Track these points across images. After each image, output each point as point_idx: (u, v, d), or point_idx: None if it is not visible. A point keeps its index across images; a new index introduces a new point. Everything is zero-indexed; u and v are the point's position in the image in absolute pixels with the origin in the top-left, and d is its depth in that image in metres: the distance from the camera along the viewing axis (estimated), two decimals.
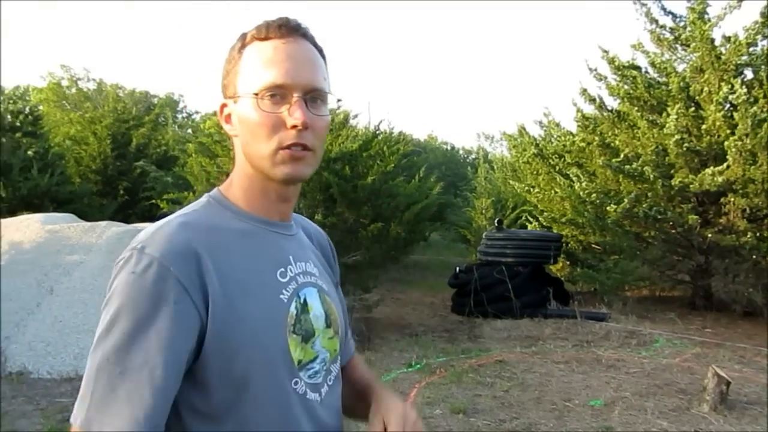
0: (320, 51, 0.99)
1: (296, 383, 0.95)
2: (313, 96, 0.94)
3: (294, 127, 0.92)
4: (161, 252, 0.86)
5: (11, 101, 11.54)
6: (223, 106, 1.01)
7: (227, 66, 0.99)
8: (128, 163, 13.12)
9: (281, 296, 0.96)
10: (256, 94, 0.93)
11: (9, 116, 11.11)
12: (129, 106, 16.23)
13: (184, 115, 31.31)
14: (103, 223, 6.86)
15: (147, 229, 0.93)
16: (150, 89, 32.83)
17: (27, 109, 11.67)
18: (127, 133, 13.65)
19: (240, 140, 0.98)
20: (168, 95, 30.37)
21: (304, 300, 0.99)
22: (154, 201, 9.78)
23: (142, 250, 0.87)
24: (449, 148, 34.45)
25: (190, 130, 22.49)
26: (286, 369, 0.94)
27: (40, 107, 15.08)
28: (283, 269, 0.99)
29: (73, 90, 25.61)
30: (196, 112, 31.34)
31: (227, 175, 1.05)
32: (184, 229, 0.91)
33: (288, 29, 0.95)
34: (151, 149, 14.11)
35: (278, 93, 0.92)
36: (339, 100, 8.69)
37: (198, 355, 0.88)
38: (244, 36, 0.97)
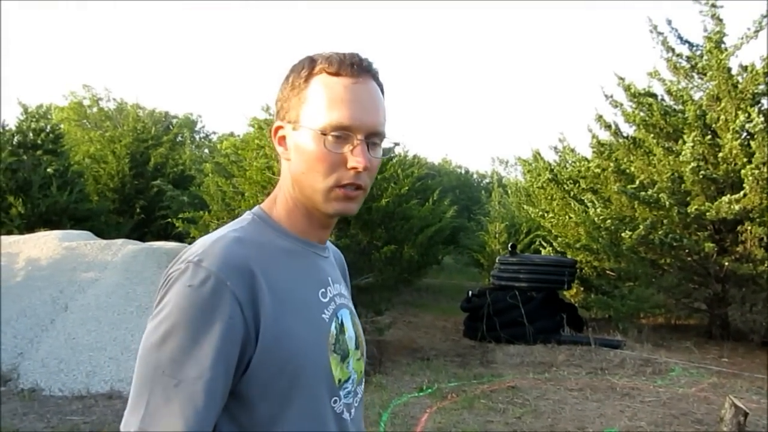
0: (381, 88, 1.01)
1: (335, 402, 0.98)
2: (374, 140, 0.97)
3: (354, 168, 0.94)
4: (218, 266, 0.87)
5: (33, 119, 11.71)
6: (279, 128, 1.01)
7: (288, 90, 0.99)
8: (145, 182, 13.25)
9: (323, 315, 0.99)
10: (323, 132, 0.94)
11: (31, 134, 11.30)
12: (148, 126, 16.46)
13: (202, 135, 31.74)
14: (119, 241, 6.94)
15: (201, 241, 0.94)
16: (170, 110, 33.40)
17: (48, 128, 11.84)
18: (145, 152, 13.81)
19: (292, 166, 0.99)
20: (186, 115, 30.85)
21: (342, 321, 1.03)
22: (169, 220, 9.86)
23: (199, 263, 0.88)
24: (463, 171, 34.46)
25: (207, 150, 22.78)
26: (327, 387, 0.96)
27: (62, 126, 15.34)
28: (323, 289, 1.02)
29: (95, 109, 26.08)
30: (214, 133, 31.79)
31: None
32: (239, 245, 0.93)
33: (360, 69, 0.96)
34: (169, 168, 14.24)
35: (343, 134, 0.94)
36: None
37: (246, 370, 0.89)
38: (312, 63, 0.97)
